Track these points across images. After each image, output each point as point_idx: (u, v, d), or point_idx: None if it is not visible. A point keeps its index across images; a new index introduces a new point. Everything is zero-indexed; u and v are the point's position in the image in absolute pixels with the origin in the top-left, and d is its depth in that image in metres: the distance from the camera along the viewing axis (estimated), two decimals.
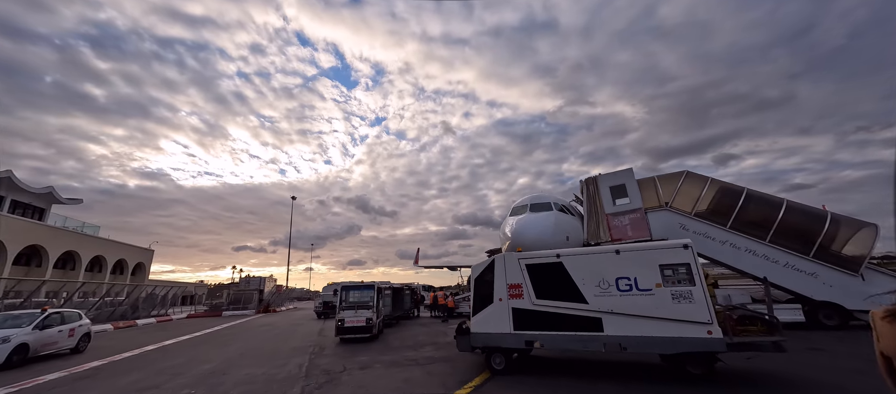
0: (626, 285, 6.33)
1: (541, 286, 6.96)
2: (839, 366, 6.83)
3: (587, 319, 6.45)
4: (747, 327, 6.00)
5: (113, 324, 20.21)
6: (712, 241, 12.86)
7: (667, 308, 5.98)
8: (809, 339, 9.56)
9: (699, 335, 5.72)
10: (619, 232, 14.17)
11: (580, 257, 6.88)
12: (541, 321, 6.79)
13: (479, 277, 7.55)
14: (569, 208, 15.26)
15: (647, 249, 6.48)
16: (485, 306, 7.31)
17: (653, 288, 6.15)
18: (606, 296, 6.42)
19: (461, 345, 7.41)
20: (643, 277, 6.25)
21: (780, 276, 11.70)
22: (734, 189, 13.31)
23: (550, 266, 6.99)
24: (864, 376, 5.96)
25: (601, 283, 6.50)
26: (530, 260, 7.21)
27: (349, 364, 8.43)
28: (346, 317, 12.07)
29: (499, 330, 7.04)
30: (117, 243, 46.52)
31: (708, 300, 5.78)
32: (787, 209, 12.12)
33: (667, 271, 6.17)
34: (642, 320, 6.10)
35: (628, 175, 14.68)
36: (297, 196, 52.04)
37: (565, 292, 6.71)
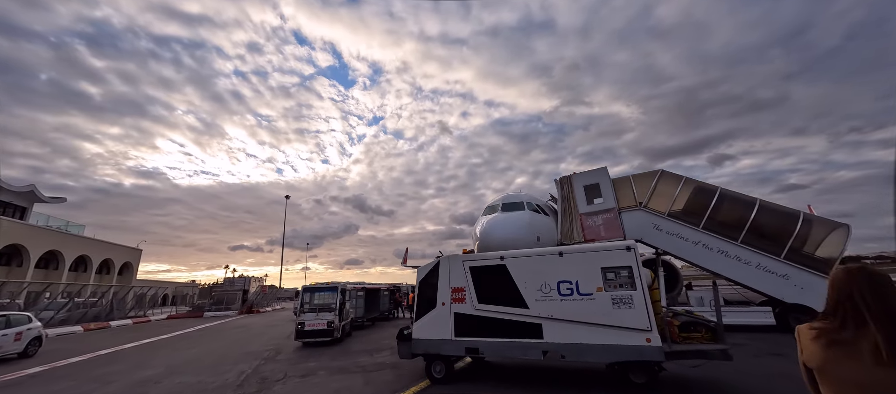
0: (567, 289, 5.99)
1: (483, 290, 6.61)
2: (791, 373, 6.49)
3: (527, 325, 6.11)
4: (691, 334, 5.66)
5: (84, 326, 19.76)
6: (685, 241, 12.55)
7: (606, 314, 5.64)
8: (776, 343, 9.26)
9: (638, 343, 5.38)
10: (593, 232, 13.85)
11: (523, 260, 6.53)
12: (482, 327, 6.44)
13: (424, 280, 7.19)
14: (543, 208, 14.94)
15: (590, 251, 6.14)
16: (428, 310, 6.96)
17: (593, 293, 5.81)
18: (547, 301, 6.07)
19: (402, 352, 7.05)
20: (585, 281, 5.92)
21: (752, 277, 11.40)
22: (708, 189, 13.01)
23: (494, 269, 6.64)
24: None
25: (543, 287, 6.16)
26: (474, 262, 6.86)
27: (293, 371, 8.06)
28: (306, 320, 11.69)
29: (440, 336, 6.68)
30: (103, 243, 45.90)
31: (648, 306, 5.44)
32: (760, 209, 11.82)
33: (609, 275, 5.83)
34: (582, 327, 5.76)
35: (603, 174, 14.36)
36: (294, 195, 51.64)
37: (507, 297, 6.36)
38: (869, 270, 1.36)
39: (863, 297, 1.30)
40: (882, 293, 1.29)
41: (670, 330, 5.47)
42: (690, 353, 5.45)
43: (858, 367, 1.25)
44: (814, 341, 1.38)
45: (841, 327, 1.33)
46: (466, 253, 7.14)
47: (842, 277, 1.39)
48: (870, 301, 1.28)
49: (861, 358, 1.25)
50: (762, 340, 9.87)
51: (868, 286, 1.31)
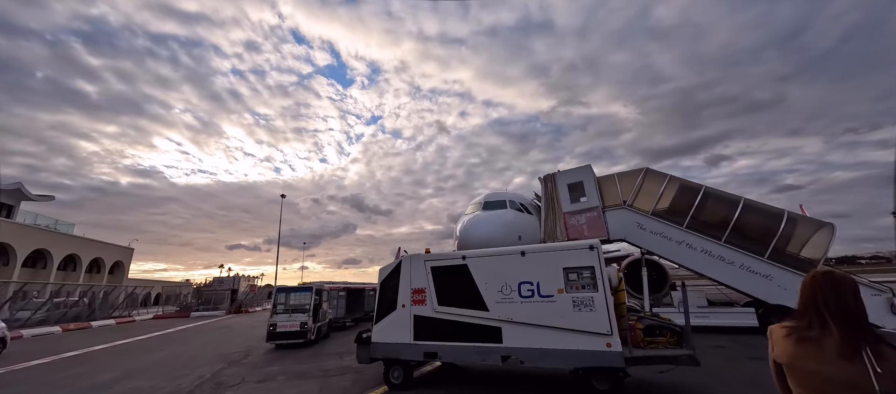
0: (528, 291, 5.69)
1: (444, 291, 6.31)
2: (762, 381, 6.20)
3: (486, 328, 5.81)
4: (656, 338, 5.38)
5: (63, 326, 19.38)
6: (669, 241, 12.27)
7: (567, 317, 5.35)
8: (756, 346, 9.00)
9: (597, 348, 5.09)
10: (576, 231, 13.57)
11: (485, 260, 6.23)
12: (442, 330, 6.13)
13: (386, 281, 6.89)
14: (527, 207, 14.66)
15: (552, 251, 5.85)
16: (389, 312, 6.65)
17: (554, 294, 5.51)
18: (507, 303, 5.77)
19: (360, 356, 6.74)
20: (546, 282, 5.62)
21: (736, 278, 11.13)
22: (693, 187, 12.73)
23: (455, 269, 6.33)
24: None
25: (504, 288, 5.86)
26: (436, 262, 6.55)
27: (252, 375, 7.76)
28: (278, 321, 11.38)
29: (399, 340, 6.38)
30: (92, 242, 45.45)
31: (609, 308, 5.15)
32: (744, 208, 11.55)
33: (571, 275, 5.54)
34: (541, 330, 5.46)
35: (587, 172, 14.08)
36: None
37: (468, 298, 6.06)
38: (832, 276, 1.51)
39: (825, 299, 1.45)
40: (841, 295, 1.44)
41: (633, 334, 5.18)
42: (653, 358, 5.16)
43: (823, 362, 1.40)
44: (785, 339, 1.53)
45: (808, 327, 1.48)
46: (428, 253, 6.83)
47: (808, 281, 1.54)
48: (830, 303, 1.43)
49: (825, 354, 1.40)
50: (744, 342, 9.61)
51: (830, 290, 1.46)
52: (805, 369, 1.45)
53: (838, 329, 1.39)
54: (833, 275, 1.52)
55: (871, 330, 1.41)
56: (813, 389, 1.43)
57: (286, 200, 44.89)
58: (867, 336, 1.38)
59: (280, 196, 44.89)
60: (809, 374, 1.44)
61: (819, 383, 1.41)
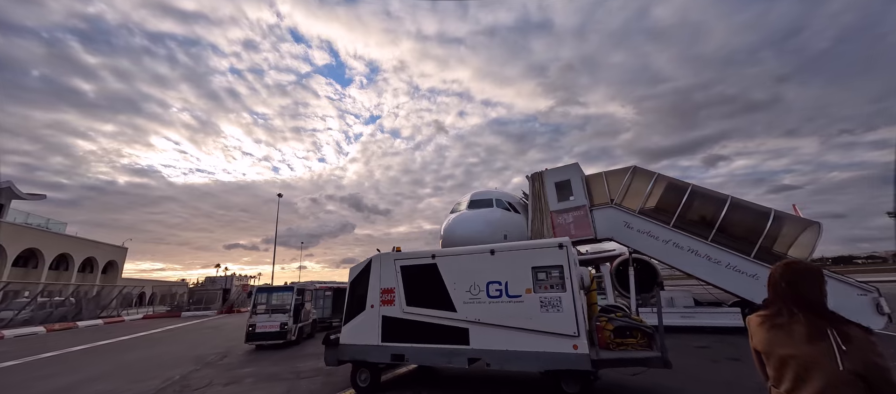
0: (496, 291, 5.51)
1: (413, 291, 6.13)
2: (740, 382, 6.04)
3: (454, 329, 5.63)
4: (626, 339, 5.20)
5: (47, 326, 19.13)
6: (656, 240, 12.11)
7: (534, 318, 5.17)
8: (739, 346, 8.84)
9: (564, 350, 4.91)
10: (563, 230, 13.40)
11: (454, 258, 6.05)
12: (410, 332, 5.95)
13: (355, 281, 6.70)
14: (515, 206, 14.49)
15: (521, 250, 5.66)
16: (357, 313, 6.46)
17: (522, 294, 5.34)
18: (475, 303, 5.59)
19: (328, 358, 6.55)
20: (514, 282, 5.44)
21: (722, 277, 10.97)
22: (680, 186, 12.57)
23: (425, 268, 6.15)
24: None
25: (472, 288, 5.68)
26: (406, 261, 6.37)
27: (222, 378, 7.56)
28: (257, 322, 11.18)
29: (367, 342, 6.19)
30: (85, 241, 45.19)
31: (577, 309, 4.97)
32: (731, 207, 11.40)
33: (540, 275, 5.36)
34: (508, 332, 5.28)
35: (574, 170, 13.91)
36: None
37: (436, 299, 5.88)
38: (794, 265, 1.65)
39: (787, 287, 1.61)
40: (798, 283, 1.59)
41: (601, 335, 5.00)
42: (620, 361, 4.98)
43: (794, 345, 1.52)
44: (760, 327, 1.67)
45: (777, 314, 1.61)
46: (398, 251, 6.64)
47: (774, 272, 1.70)
48: (793, 291, 1.59)
49: (795, 338, 1.53)
50: (728, 342, 9.45)
51: (791, 278, 1.61)
52: (779, 353, 1.57)
53: (802, 314, 1.54)
54: (796, 264, 1.67)
55: (832, 313, 1.54)
56: (788, 370, 1.55)
57: (284, 199, 44.69)
58: (830, 318, 1.52)
59: (277, 195, 44.75)
60: (783, 358, 1.56)
61: (793, 365, 1.52)
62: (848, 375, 1.39)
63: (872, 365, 1.39)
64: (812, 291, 1.58)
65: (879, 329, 9.11)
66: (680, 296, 12.11)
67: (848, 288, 9.55)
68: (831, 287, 8.06)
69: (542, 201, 14.11)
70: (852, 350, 1.41)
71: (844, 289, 9.57)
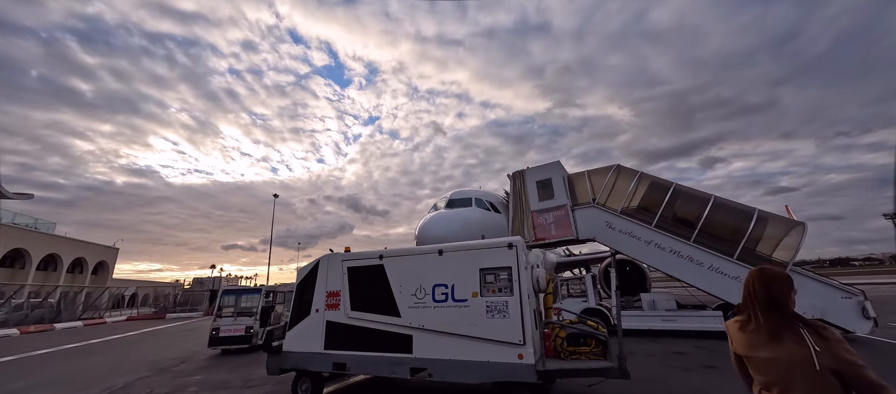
0: (442, 295, 5.10)
1: (358, 295, 5.71)
2: (705, 391, 5.63)
3: (397, 336, 5.21)
4: (579, 347, 4.80)
5: (21, 329, 18.68)
6: (637, 240, 11.70)
7: (479, 324, 4.76)
8: (718, 352, 8.43)
9: (508, 360, 4.50)
10: (543, 231, 12.99)
11: (402, 259, 5.64)
12: (353, 339, 5.53)
13: (303, 283, 6.28)
14: (496, 205, 14.08)
15: (469, 250, 5.26)
16: (302, 318, 6.05)
17: (468, 299, 4.93)
18: (420, 308, 5.18)
19: (269, 366, 6.12)
20: (461, 285, 5.03)
21: (704, 279, 10.57)
22: (663, 184, 12.17)
23: (372, 270, 5.74)
24: None
25: (418, 291, 5.27)
26: (353, 262, 5.95)
27: (167, 386, 7.13)
28: (221, 325, 10.74)
29: (310, 349, 5.77)
30: (74, 241, 44.67)
31: (524, 315, 4.55)
32: (714, 207, 11.00)
33: (488, 277, 4.96)
34: (453, 339, 4.87)
35: (556, 169, 13.49)
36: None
37: (381, 303, 5.47)
38: (765, 271, 1.73)
39: (755, 292, 1.70)
40: (771, 288, 1.67)
41: (548, 344, 4.59)
42: (570, 371, 4.57)
43: (772, 348, 1.62)
44: (739, 332, 1.78)
45: (750, 318, 1.72)
46: (347, 251, 6.23)
47: (748, 278, 1.77)
48: (766, 295, 1.67)
49: (772, 340, 1.63)
50: (707, 348, 9.04)
51: (765, 283, 1.69)
52: (758, 356, 1.65)
53: (765, 316, 1.63)
54: (768, 270, 1.72)
55: (796, 315, 1.62)
56: (767, 372, 1.63)
57: (283, 200, 44.40)
58: (802, 321, 1.59)
59: (273, 196, 44.30)
60: (762, 360, 1.64)
61: (771, 367, 1.61)
62: (825, 373, 1.49)
63: (845, 362, 1.48)
64: (784, 296, 1.64)
65: (865, 334, 8.72)
66: (662, 299, 11.70)
67: (832, 291, 9.15)
68: (816, 290, 7.58)
69: (523, 201, 13.70)
70: (826, 349, 1.50)
71: (828, 292, 9.17)
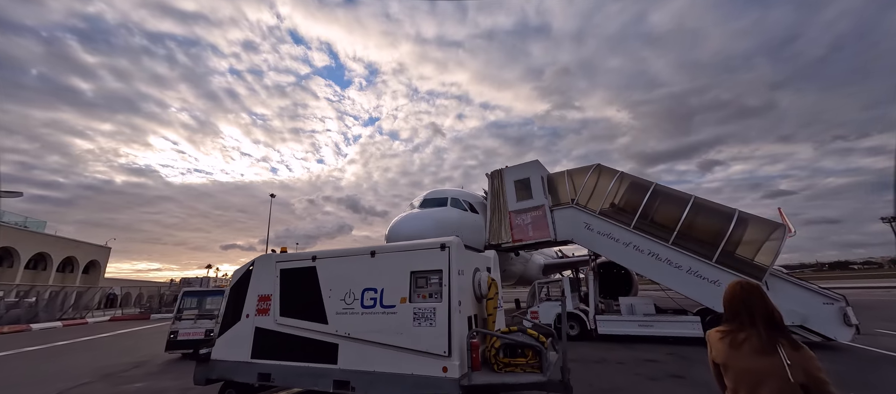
0: (371, 300, 4.69)
1: (289, 299, 5.31)
2: None
3: (323, 345, 4.80)
4: (515, 359, 4.37)
5: None
6: (616, 242, 11.28)
7: (405, 333, 4.34)
8: (691, 360, 8.00)
9: (432, 373, 4.08)
10: (521, 232, 12.59)
11: (334, 261, 5.23)
12: (280, 347, 5.12)
13: (236, 285, 5.87)
14: (474, 206, 13.67)
15: (401, 251, 4.85)
16: (233, 323, 5.64)
17: (396, 305, 4.51)
18: (348, 314, 4.77)
19: (196, 376, 5.72)
20: (391, 289, 4.62)
21: (683, 283, 10.15)
22: (643, 184, 11.76)
23: (304, 272, 5.33)
24: None
25: (347, 295, 4.85)
26: (286, 263, 5.54)
27: None
28: (180, 328, 10.33)
29: (237, 357, 5.37)
30: (65, 240, 44.32)
31: (451, 323, 4.13)
32: (694, 208, 10.58)
33: (419, 281, 4.55)
34: (378, 349, 4.45)
35: (534, 168, 13.09)
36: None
37: (310, 308, 5.06)
38: (744, 285, 1.92)
39: (743, 304, 1.85)
40: (750, 299, 1.84)
41: (475, 355, 4.15)
42: (501, 386, 4.15)
43: (750, 358, 1.73)
44: (720, 342, 1.88)
45: (737, 329, 1.83)
46: (283, 251, 5.82)
47: (729, 291, 1.94)
48: (747, 307, 1.83)
49: (752, 351, 1.74)
50: (681, 355, 8.60)
51: (744, 296, 1.86)
52: (736, 366, 1.78)
53: (756, 329, 1.77)
54: (746, 283, 1.95)
55: (785, 328, 1.79)
56: (744, 382, 1.74)
57: (282, 200, 44.11)
58: (783, 332, 1.76)
59: (270, 196, 43.82)
60: (740, 370, 1.76)
61: (748, 377, 1.73)
62: (795, 386, 1.60)
63: (814, 378, 1.61)
64: (765, 306, 1.80)
65: (846, 341, 8.28)
66: (640, 303, 11.26)
67: (813, 296, 8.72)
68: (796, 295, 7.18)
69: (501, 201, 13.30)
70: (797, 363, 1.63)
71: (809, 297, 8.74)
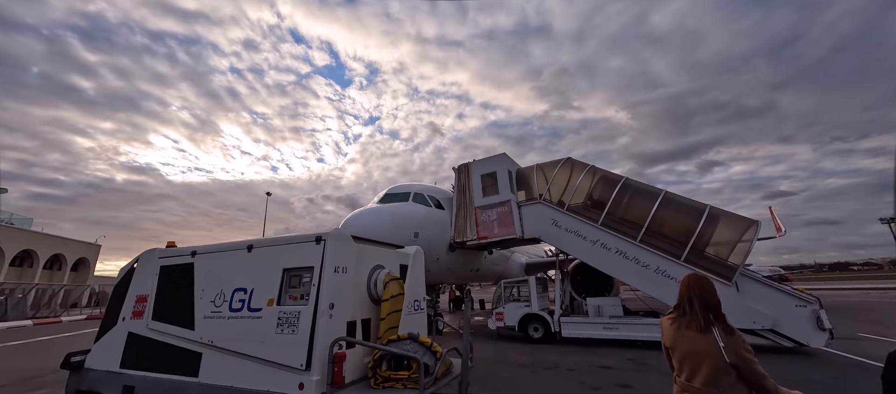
0: (239, 302, 4.04)
1: (163, 300, 4.67)
2: None
3: (189, 354, 4.15)
4: (399, 372, 3.72)
5: None
6: (583, 240, 10.61)
7: (267, 341, 3.68)
8: (646, 367, 7.32)
9: (287, 390, 3.42)
10: (486, 229, 11.92)
11: (212, 257, 4.58)
12: (149, 355, 4.47)
13: (119, 285, 5.22)
14: (440, 202, 12.99)
15: (275, 246, 4.19)
16: (110, 327, 5.00)
17: (263, 308, 3.86)
18: (216, 318, 4.12)
19: (68, 387, 5.07)
20: (261, 289, 3.96)
21: (651, 283, 9.47)
22: (612, 178, 11.09)
23: (182, 269, 4.68)
24: None
25: (218, 297, 4.20)
26: (168, 260, 4.90)
27: None
28: None
29: (107, 366, 4.72)
30: (52, 237, 43.88)
31: (315, 331, 3.47)
32: (664, 203, 9.90)
33: (293, 280, 3.89)
34: (240, 360, 3.80)
35: (501, 161, 12.41)
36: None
37: (181, 311, 4.41)
38: (694, 277, 2.19)
39: (689, 292, 2.11)
40: (699, 289, 2.10)
41: (337, 369, 3.48)
42: None
43: (691, 340, 2.03)
44: (669, 326, 2.19)
45: (682, 315, 2.14)
46: (170, 246, 5.17)
47: (683, 282, 2.21)
48: (697, 296, 2.08)
49: (691, 334, 2.04)
50: (641, 361, 7.91)
51: (693, 285, 2.12)
52: (681, 348, 2.08)
53: (700, 315, 2.04)
54: (699, 275, 2.20)
55: (721, 315, 2.06)
56: (687, 362, 2.04)
57: (282, 199, 43.74)
58: (718, 319, 2.03)
59: (266, 194, 43.14)
60: (684, 351, 2.06)
61: (690, 358, 2.03)
62: (727, 365, 1.90)
63: (743, 358, 1.90)
64: (712, 297, 2.08)
65: (819, 346, 7.59)
66: (608, 304, 10.59)
67: (785, 298, 8.03)
68: (767, 296, 6.78)
69: (467, 196, 12.63)
70: (729, 345, 1.92)
71: (781, 299, 8.05)
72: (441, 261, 12.29)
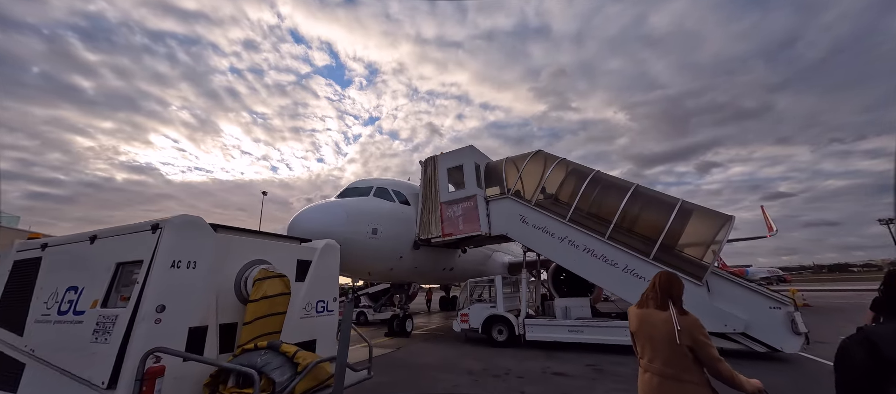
0: (68, 303, 3.37)
1: (7, 300, 4.01)
2: None
3: (13, 365, 3.48)
4: (244, 390, 3.05)
5: None
6: (551, 237, 9.91)
7: (81, 351, 3.02)
8: (602, 374, 6.62)
9: None
10: (451, 225, 11.23)
11: (59, 250, 3.92)
12: None
13: None
14: (406, 197, 12.32)
15: (111, 237, 3.52)
16: None
17: (86, 310, 3.19)
18: (43, 323, 3.45)
19: None
20: (91, 288, 3.30)
21: (618, 283, 8.77)
22: (582, 172, 10.40)
23: (30, 265, 4.01)
24: None
25: (52, 297, 3.54)
26: (24, 253, 4.23)
27: None
28: None
29: None
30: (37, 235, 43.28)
31: (131, 340, 2.79)
32: (634, 196, 9.21)
33: (126, 276, 3.23)
34: (52, 374, 3.13)
35: (467, 154, 11.72)
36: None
37: (16, 312, 3.75)
38: (667, 273, 2.40)
39: (655, 286, 2.32)
40: (667, 284, 2.29)
41: (148, 384, 2.82)
42: None
43: (651, 326, 2.22)
44: (634, 315, 2.38)
45: (645, 304, 2.33)
46: (34, 238, 4.51)
47: (653, 279, 2.39)
48: (662, 287, 2.29)
49: (652, 321, 2.23)
50: (599, 368, 7.19)
51: (661, 280, 2.33)
52: (643, 333, 2.27)
53: (661, 302, 2.24)
54: (669, 273, 2.39)
55: (679, 302, 2.25)
56: (647, 347, 2.23)
57: (282, 198, 43.05)
58: (676, 306, 2.20)
59: (261, 193, 42.44)
60: (645, 336, 2.25)
61: (651, 343, 2.21)
62: (682, 347, 2.06)
63: (698, 342, 2.06)
64: (676, 290, 2.27)
65: (794, 352, 6.90)
66: (576, 305, 9.90)
67: (759, 299, 7.33)
68: (740, 297, 5.29)
69: (433, 190, 11.95)
70: (685, 329, 2.08)
71: (754, 300, 7.35)
72: (405, 259, 11.62)
